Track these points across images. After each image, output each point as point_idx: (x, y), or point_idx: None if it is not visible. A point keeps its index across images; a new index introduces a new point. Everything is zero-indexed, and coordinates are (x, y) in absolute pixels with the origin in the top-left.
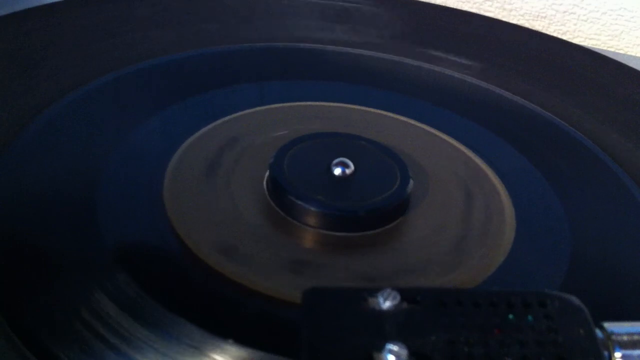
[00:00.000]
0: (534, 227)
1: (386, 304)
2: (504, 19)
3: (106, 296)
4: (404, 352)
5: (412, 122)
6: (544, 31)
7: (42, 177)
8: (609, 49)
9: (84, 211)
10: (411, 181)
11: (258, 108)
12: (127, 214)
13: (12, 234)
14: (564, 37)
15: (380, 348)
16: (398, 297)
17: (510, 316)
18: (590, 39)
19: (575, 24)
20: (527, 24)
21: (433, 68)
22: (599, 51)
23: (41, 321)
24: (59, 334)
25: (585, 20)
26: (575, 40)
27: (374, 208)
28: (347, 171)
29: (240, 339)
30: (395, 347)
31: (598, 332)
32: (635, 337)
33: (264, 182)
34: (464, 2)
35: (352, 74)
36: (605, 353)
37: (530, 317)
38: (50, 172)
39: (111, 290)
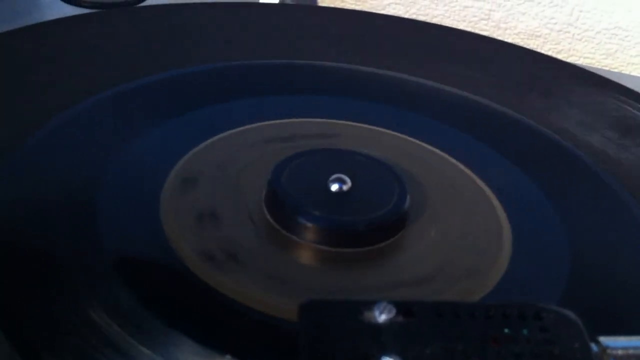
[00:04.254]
0: (532, 242)
1: (382, 317)
2: (499, 38)
3: (103, 307)
4: None
5: (409, 138)
6: (538, 50)
7: (44, 185)
8: (604, 68)
9: (83, 221)
10: (408, 197)
11: (258, 124)
12: (125, 226)
13: (11, 241)
14: (559, 56)
15: None
16: (394, 311)
17: (506, 330)
18: (585, 57)
19: (570, 43)
20: (522, 43)
21: (431, 84)
22: (593, 70)
23: (37, 329)
24: (55, 342)
25: (580, 39)
26: (570, 59)
27: (370, 224)
28: (344, 187)
29: (236, 354)
30: None
31: (593, 346)
32: (631, 352)
33: (262, 198)
34: (459, 21)
35: (348, 89)
36: None
37: (525, 330)
38: (52, 181)
39: (108, 302)
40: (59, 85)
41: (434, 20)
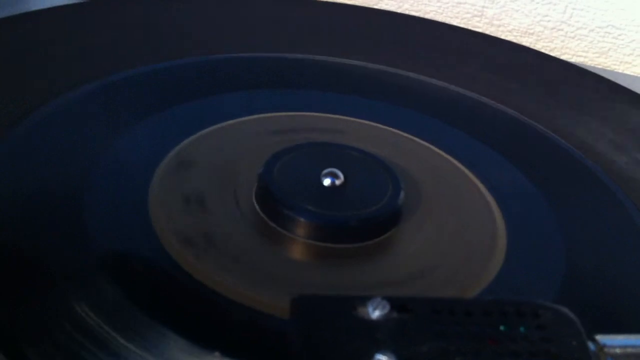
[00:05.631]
0: (527, 241)
1: (375, 313)
2: (492, 35)
3: (91, 306)
4: None
5: (404, 133)
6: (532, 47)
7: (29, 182)
8: (597, 66)
9: (71, 219)
10: (402, 193)
11: (247, 117)
12: (113, 222)
13: None
14: (552, 54)
15: (370, 357)
16: (388, 307)
17: (503, 327)
18: (578, 55)
19: (563, 41)
20: (515, 40)
21: (425, 79)
22: (586, 68)
23: (24, 327)
24: (42, 343)
25: (573, 37)
26: (563, 57)
27: (363, 219)
28: (337, 182)
29: (227, 351)
30: (384, 358)
31: (591, 344)
32: (628, 350)
33: (253, 192)
34: (452, 18)
35: (343, 84)
36: None
37: (522, 328)
38: (38, 177)
39: (96, 300)
40: (48, 76)
41: (427, 17)
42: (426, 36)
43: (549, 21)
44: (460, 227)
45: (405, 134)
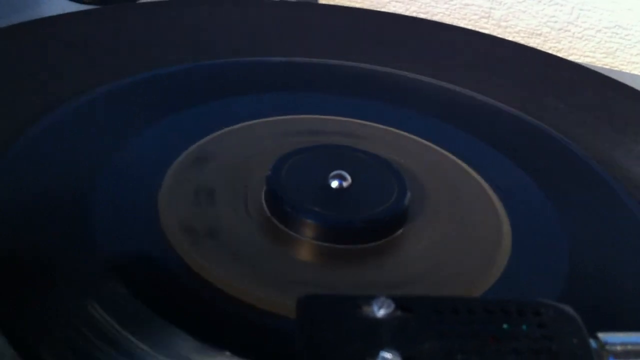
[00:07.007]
0: (531, 241)
1: (381, 312)
2: (500, 36)
3: (100, 306)
4: None
5: (409, 135)
6: (539, 48)
7: (38, 185)
8: (604, 67)
9: (78, 221)
10: (408, 194)
11: (255, 121)
12: (121, 224)
13: (5, 243)
14: (559, 55)
15: (374, 356)
16: (392, 305)
17: (505, 326)
18: (586, 56)
19: (570, 42)
20: (522, 41)
21: (430, 81)
22: (593, 68)
23: (35, 329)
24: (53, 342)
25: (580, 38)
26: (571, 58)
27: (369, 221)
28: (344, 184)
29: (236, 350)
30: (389, 355)
31: (592, 342)
32: (629, 347)
33: (262, 194)
34: (459, 19)
35: (352, 87)
36: None
37: (524, 326)
38: (46, 180)
39: (105, 299)
40: (58, 82)
41: (434, 19)
42: (432, 37)
43: (556, 22)
44: (464, 227)
45: (411, 135)
